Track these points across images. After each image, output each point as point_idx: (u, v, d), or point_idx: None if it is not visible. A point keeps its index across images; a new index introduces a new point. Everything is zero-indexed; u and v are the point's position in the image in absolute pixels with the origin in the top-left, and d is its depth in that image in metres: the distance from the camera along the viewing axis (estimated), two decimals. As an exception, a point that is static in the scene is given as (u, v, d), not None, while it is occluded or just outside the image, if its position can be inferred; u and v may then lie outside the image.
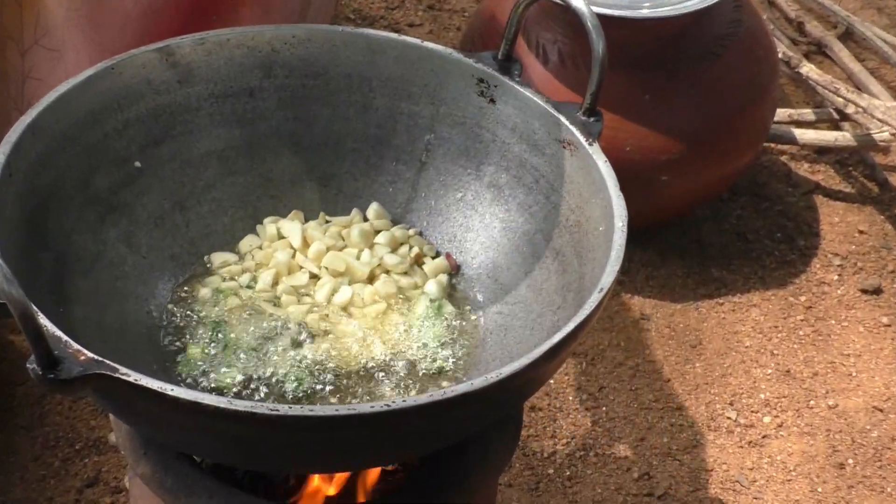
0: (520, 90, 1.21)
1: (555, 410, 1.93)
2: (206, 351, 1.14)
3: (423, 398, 0.85)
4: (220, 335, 1.16)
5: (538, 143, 1.20)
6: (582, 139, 1.15)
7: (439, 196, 1.29)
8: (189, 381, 1.12)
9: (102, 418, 1.83)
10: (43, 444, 1.78)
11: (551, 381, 1.91)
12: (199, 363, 1.13)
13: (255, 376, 1.12)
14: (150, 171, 1.22)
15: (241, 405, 0.81)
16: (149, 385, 0.82)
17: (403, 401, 0.84)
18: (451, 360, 1.17)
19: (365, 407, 0.84)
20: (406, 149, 1.31)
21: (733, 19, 2.00)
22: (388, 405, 0.84)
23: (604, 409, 1.95)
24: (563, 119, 1.16)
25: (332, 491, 1.18)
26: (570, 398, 1.96)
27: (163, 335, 1.17)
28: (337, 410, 0.83)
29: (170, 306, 1.20)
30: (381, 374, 1.14)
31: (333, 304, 1.21)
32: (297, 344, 1.16)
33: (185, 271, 1.24)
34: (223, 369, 1.12)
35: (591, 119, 1.17)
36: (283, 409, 0.81)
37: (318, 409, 0.83)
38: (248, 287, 1.23)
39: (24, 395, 1.85)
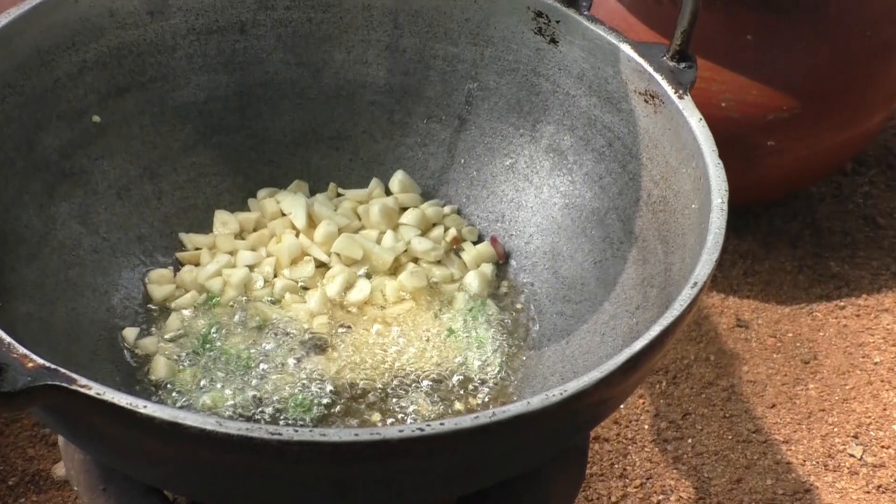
0: (589, 27, 1.21)
1: (626, 442, 1.92)
2: (186, 364, 1.16)
3: (466, 421, 0.84)
4: (203, 342, 1.18)
5: (612, 96, 1.20)
6: (670, 90, 1.14)
7: (483, 163, 1.30)
8: (162, 397, 1.13)
9: (43, 446, 1.83)
10: (-32, 479, 1.79)
11: (621, 406, 1.91)
12: (180, 379, 1.15)
13: (247, 396, 1.13)
14: (113, 129, 1.23)
15: (233, 427, 0.81)
16: (115, 401, 0.81)
17: (441, 424, 0.83)
18: (498, 373, 1.19)
19: (392, 431, 0.82)
20: (441, 102, 1.31)
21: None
22: (422, 429, 0.82)
23: (689, 441, 1.93)
24: (645, 65, 1.16)
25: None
26: (646, 427, 1.95)
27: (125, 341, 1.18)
28: (356, 435, 0.81)
29: (136, 302, 1.21)
30: (409, 392, 1.15)
31: (348, 302, 1.22)
32: (300, 355, 1.17)
33: (157, 257, 1.25)
34: (208, 386, 1.14)
35: (682, 65, 1.16)
36: (288, 432, 0.81)
37: (333, 434, 0.81)
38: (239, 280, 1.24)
39: (-57, 415, 1.85)
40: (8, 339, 0.85)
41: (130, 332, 1.19)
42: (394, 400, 1.14)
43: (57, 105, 1.19)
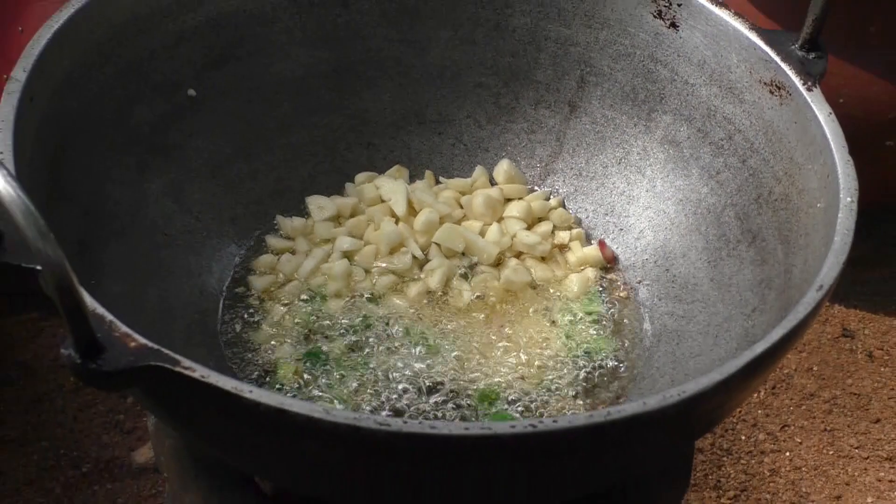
0: (713, 11, 1.20)
1: (721, 453, 1.92)
2: (289, 359, 1.16)
3: (580, 419, 0.82)
4: (305, 339, 1.18)
5: (734, 86, 1.19)
6: (798, 82, 1.13)
7: (594, 153, 1.30)
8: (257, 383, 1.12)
9: (118, 433, 1.84)
10: (39, 464, 1.79)
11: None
12: (280, 373, 1.15)
13: (349, 395, 1.13)
14: (208, 104, 1.23)
15: (341, 416, 0.80)
16: (220, 384, 0.81)
17: (554, 422, 0.81)
18: (606, 374, 1.18)
19: (503, 426, 0.81)
20: (551, 87, 1.30)
21: None
22: (534, 426, 0.81)
23: (787, 454, 1.92)
24: (772, 53, 1.15)
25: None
26: (742, 438, 1.94)
27: (219, 325, 1.19)
28: (467, 429, 0.80)
29: (227, 286, 1.22)
30: (513, 393, 1.15)
31: (451, 304, 1.23)
32: (403, 355, 1.17)
33: (248, 239, 1.26)
34: (311, 382, 1.14)
35: (812, 55, 1.14)
36: (396, 423, 0.80)
37: (443, 427, 0.80)
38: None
39: (14, 398, 1.86)
40: (110, 317, 0.84)
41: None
42: (496, 405, 1.14)
43: (152, 77, 1.18)
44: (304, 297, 1.22)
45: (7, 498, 1.75)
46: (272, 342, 1.18)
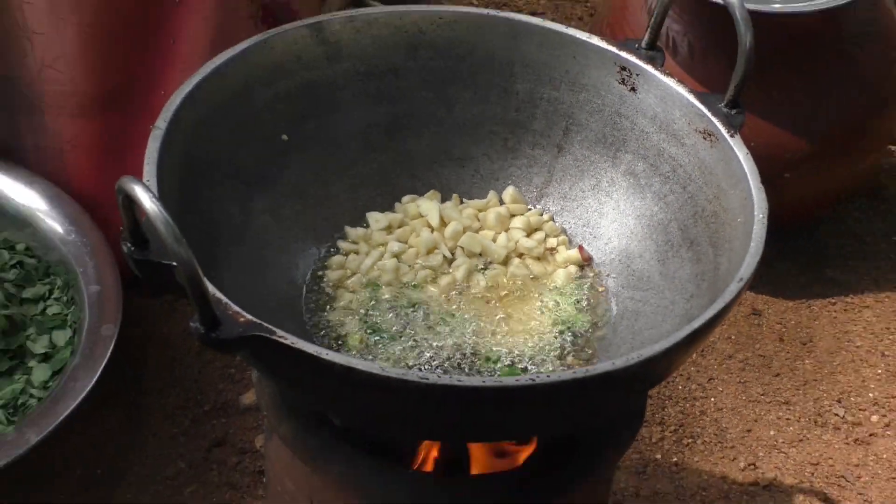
0: (662, 79, 1.18)
1: (664, 398, 1.92)
2: (355, 330, 1.13)
3: (567, 374, 0.84)
4: (365, 316, 1.15)
5: (678, 133, 1.16)
6: (723, 130, 1.11)
7: (575, 181, 1.26)
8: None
9: (229, 382, 1.86)
10: (174, 405, 1.81)
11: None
12: (348, 342, 1.12)
13: (399, 357, 1.11)
14: (297, 146, 1.20)
15: (393, 372, 0.81)
16: (305, 349, 0.82)
17: (547, 376, 0.83)
18: (583, 342, 1.15)
19: (510, 380, 0.83)
20: (544, 133, 1.28)
21: (868, 18, 1.94)
22: (533, 379, 0.82)
23: (712, 399, 1.92)
24: (705, 110, 1.13)
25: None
26: (680, 387, 1.94)
27: (303, 306, 1.16)
28: (484, 382, 0.82)
29: (309, 278, 1.20)
30: (515, 356, 1.13)
31: (471, 290, 1.20)
32: (439, 329, 1.14)
33: (324, 244, 1.23)
34: (372, 349, 1.12)
35: (734, 111, 1.13)
36: (434, 378, 0.81)
37: (467, 380, 0.82)
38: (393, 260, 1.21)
39: (157, 358, 1.88)
40: (225, 300, 0.84)
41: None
42: (499, 362, 1.12)
43: (256, 127, 1.16)
44: (364, 286, 1.19)
45: (152, 428, 1.78)
46: (342, 319, 1.15)
